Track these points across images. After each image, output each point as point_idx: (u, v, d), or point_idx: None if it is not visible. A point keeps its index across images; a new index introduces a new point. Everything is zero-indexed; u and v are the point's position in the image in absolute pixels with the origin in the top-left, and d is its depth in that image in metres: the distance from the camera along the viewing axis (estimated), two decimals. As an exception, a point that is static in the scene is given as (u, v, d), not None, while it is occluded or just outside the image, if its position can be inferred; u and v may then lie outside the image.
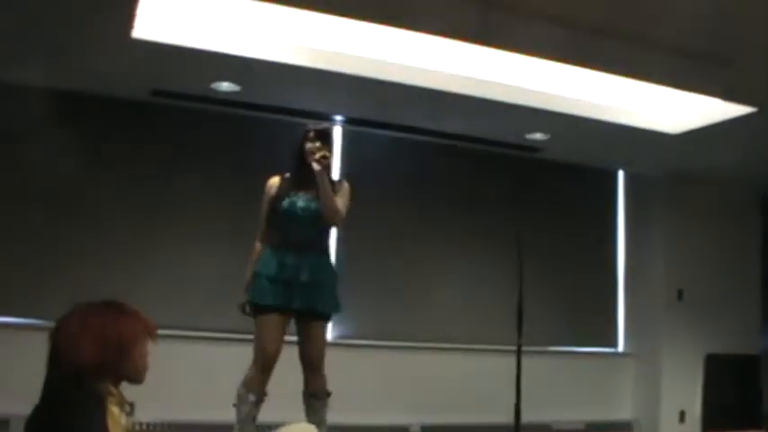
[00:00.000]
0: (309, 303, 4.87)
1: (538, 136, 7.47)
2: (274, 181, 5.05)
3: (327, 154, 4.88)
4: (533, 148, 7.89)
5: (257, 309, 4.86)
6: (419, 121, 7.27)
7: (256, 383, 4.89)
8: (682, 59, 5.53)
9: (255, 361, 4.90)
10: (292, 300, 4.82)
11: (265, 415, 4.96)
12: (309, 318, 4.91)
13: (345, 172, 7.45)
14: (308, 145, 4.89)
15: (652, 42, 5.30)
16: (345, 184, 5.11)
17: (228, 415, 4.91)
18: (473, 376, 7.63)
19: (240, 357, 6.79)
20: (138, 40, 5.36)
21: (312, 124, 5.06)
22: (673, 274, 8.57)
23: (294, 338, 4.99)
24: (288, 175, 5.03)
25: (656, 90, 6.38)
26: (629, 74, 5.98)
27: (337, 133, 7.50)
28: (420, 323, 7.65)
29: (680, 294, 8.52)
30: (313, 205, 4.87)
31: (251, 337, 6.85)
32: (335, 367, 7.14)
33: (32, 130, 6.49)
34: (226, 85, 6.39)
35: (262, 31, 5.60)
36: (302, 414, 4.99)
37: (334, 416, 6.75)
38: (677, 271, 8.58)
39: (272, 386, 4.98)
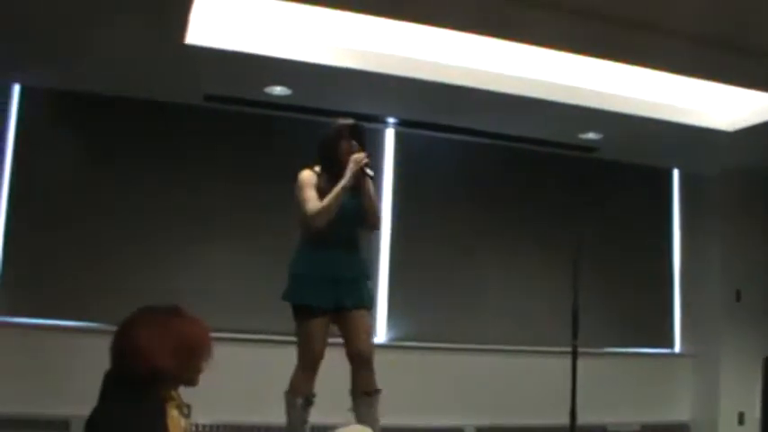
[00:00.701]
0: (355, 299, 4.82)
1: (591, 135, 7.41)
2: (310, 175, 4.83)
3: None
4: (588, 147, 7.83)
5: (303, 310, 4.74)
6: (472, 123, 7.25)
7: (304, 386, 4.85)
8: (738, 56, 5.46)
9: (302, 363, 4.84)
10: (340, 298, 4.77)
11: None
12: (356, 311, 4.83)
13: (398, 173, 7.47)
14: (344, 144, 4.82)
15: (709, 40, 5.23)
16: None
17: (281, 416, 4.94)
18: (528, 378, 7.59)
19: (290, 358, 6.89)
20: (190, 45, 5.42)
21: (342, 120, 4.97)
22: (730, 274, 8.45)
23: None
24: (317, 169, 4.88)
25: (711, 87, 6.32)
26: (677, 70, 5.94)
27: (390, 134, 7.53)
28: (474, 324, 7.63)
29: (738, 295, 8.40)
30: (354, 203, 4.78)
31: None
32: (390, 369, 7.19)
33: (91, 138, 6.64)
34: (278, 90, 6.42)
35: (312, 34, 5.65)
36: (341, 414, 4.92)
37: (388, 418, 6.79)
38: (734, 271, 8.46)
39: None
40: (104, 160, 6.76)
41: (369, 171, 4.77)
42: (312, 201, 4.69)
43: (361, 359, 4.89)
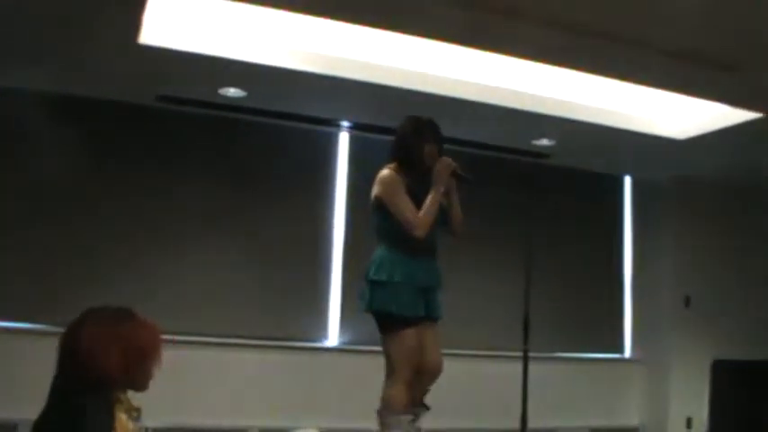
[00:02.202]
0: (438, 309, 4.78)
1: (544, 142, 7.46)
2: (398, 179, 4.64)
3: None
4: (540, 153, 7.88)
5: (399, 320, 4.54)
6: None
7: (403, 401, 4.63)
8: (688, 65, 5.52)
9: (400, 376, 4.62)
10: (429, 307, 4.68)
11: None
12: (434, 323, 4.77)
13: (352, 177, 7.46)
14: (427, 146, 4.69)
15: (658, 48, 5.28)
16: None
17: (233, 420, 4.89)
18: (480, 382, 7.61)
19: (243, 362, 6.87)
20: (144, 45, 5.38)
21: (420, 117, 4.81)
22: (680, 280, 8.55)
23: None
24: (396, 168, 4.71)
25: (663, 96, 6.40)
26: (635, 79, 6.00)
27: (344, 138, 7.53)
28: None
29: (687, 300, 8.50)
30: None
31: (256, 342, 6.90)
32: (344, 372, 7.20)
33: (38, 135, 6.49)
34: (233, 91, 6.39)
35: (267, 36, 5.63)
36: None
37: (341, 422, 6.80)
38: (684, 277, 8.56)
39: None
40: (53, 160, 6.65)
41: (461, 173, 4.67)
42: (412, 211, 4.53)
43: (436, 373, 4.84)
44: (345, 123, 7.33)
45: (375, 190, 4.72)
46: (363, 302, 4.69)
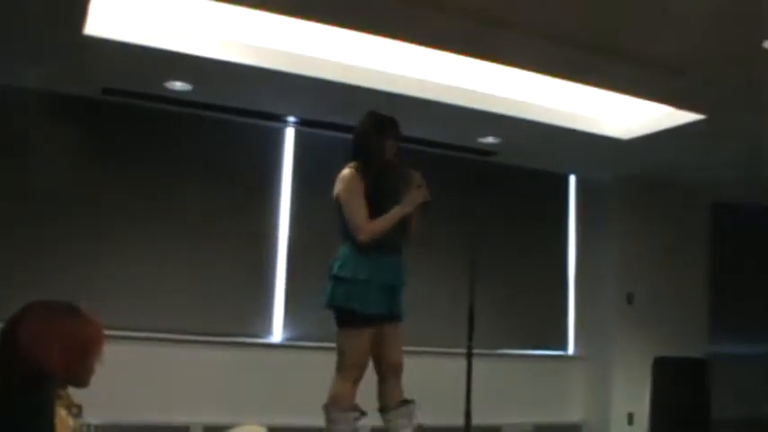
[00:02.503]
0: (401, 307, 4.75)
1: (490, 140, 7.50)
2: (357, 179, 4.65)
3: None
4: (486, 151, 7.91)
5: (359, 317, 4.55)
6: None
7: (352, 398, 4.68)
8: (634, 67, 5.58)
9: (350, 373, 4.67)
10: (393, 306, 4.67)
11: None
12: (396, 321, 4.74)
13: (297, 172, 7.44)
14: (389, 143, 4.72)
15: (604, 49, 5.33)
16: None
17: (176, 416, 4.86)
18: (423, 378, 7.59)
19: (186, 358, 6.81)
20: (89, 36, 5.30)
21: (381, 114, 4.81)
22: (622, 278, 8.65)
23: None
24: (357, 167, 4.70)
25: (608, 96, 6.45)
26: (582, 80, 6.04)
27: (290, 133, 7.50)
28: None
29: (629, 298, 8.60)
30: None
31: (200, 338, 6.86)
32: (286, 368, 7.18)
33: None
34: (179, 85, 6.33)
35: (214, 30, 5.59)
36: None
37: (284, 418, 6.77)
38: (627, 275, 8.66)
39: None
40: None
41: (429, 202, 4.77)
42: (363, 216, 4.58)
43: (398, 370, 4.83)
44: (292, 119, 7.30)
45: (336, 188, 4.74)
46: (325, 298, 4.72)
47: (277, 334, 7.25)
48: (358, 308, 4.54)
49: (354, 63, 6.01)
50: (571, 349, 8.89)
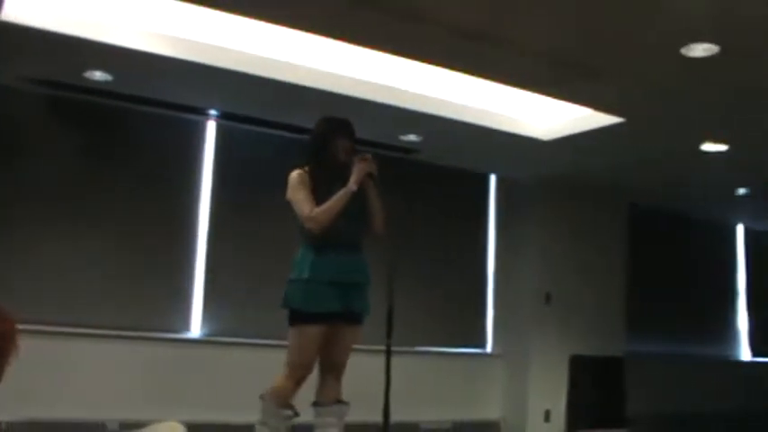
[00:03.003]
0: (362, 306, 4.76)
1: (412, 138, 7.52)
2: (301, 175, 4.70)
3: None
4: (408, 149, 7.93)
5: (306, 316, 4.58)
6: (294, 119, 7.22)
7: (290, 397, 4.68)
8: (554, 68, 5.64)
9: (294, 373, 4.68)
10: (348, 303, 4.66)
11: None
12: (353, 321, 4.76)
13: (218, 166, 7.38)
14: (339, 142, 4.74)
15: (525, 50, 5.38)
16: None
17: (91, 413, 4.78)
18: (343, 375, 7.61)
19: (102, 353, 6.71)
20: (5, 23, 5.18)
21: (332, 116, 4.90)
22: (541, 277, 8.76)
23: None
24: (306, 169, 4.75)
25: (529, 97, 6.52)
26: (502, 79, 6.09)
27: (211, 127, 7.44)
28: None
29: (548, 297, 8.71)
30: (358, 205, 4.67)
31: (116, 333, 6.75)
32: (205, 364, 7.13)
33: None
34: (98, 75, 6.21)
35: (135, 20, 5.51)
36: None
37: (202, 414, 6.72)
38: (546, 274, 8.77)
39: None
40: None
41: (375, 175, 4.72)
42: (308, 203, 4.58)
43: (339, 370, 4.88)
44: (213, 112, 7.23)
45: (287, 190, 4.78)
46: (282, 300, 4.77)
47: (195, 329, 7.18)
48: (302, 306, 4.58)
49: (278, 58, 5.98)
50: (489, 347, 8.97)
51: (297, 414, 4.70)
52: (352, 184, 4.61)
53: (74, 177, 6.86)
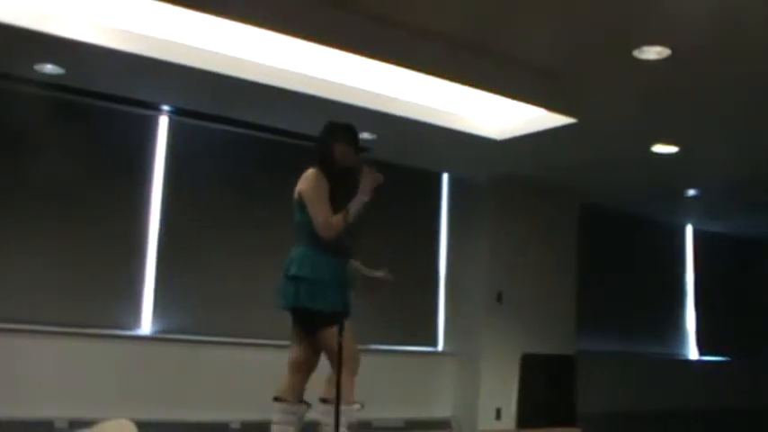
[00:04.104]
0: (351, 308, 4.83)
1: (366, 135, 7.50)
2: (321, 177, 4.77)
3: None
4: (361, 147, 7.90)
5: (333, 317, 4.61)
6: (247, 115, 7.20)
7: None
8: (509, 69, 5.67)
9: (353, 367, 4.86)
10: (348, 306, 4.76)
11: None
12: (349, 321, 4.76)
13: (170, 162, 7.33)
14: (341, 148, 4.86)
15: (479, 49, 5.40)
16: None
17: (39, 411, 4.72)
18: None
19: (50, 350, 6.63)
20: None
21: (337, 121, 4.99)
22: (493, 277, 8.78)
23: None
24: (317, 171, 4.79)
25: (483, 96, 6.54)
26: (457, 79, 6.10)
27: (164, 122, 7.39)
28: (242, 318, 7.57)
29: (499, 296, 8.74)
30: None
31: (64, 329, 6.67)
32: (155, 361, 7.07)
33: None
34: (49, 68, 6.12)
35: (85, 12, 5.43)
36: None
37: (153, 412, 6.67)
38: (497, 273, 8.80)
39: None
40: None
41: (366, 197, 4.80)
42: (328, 209, 4.68)
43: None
44: (165, 107, 7.18)
45: (300, 186, 4.79)
46: (284, 299, 4.78)
47: (146, 326, 7.12)
48: (336, 308, 4.61)
49: (231, 54, 5.94)
50: (441, 346, 9.00)
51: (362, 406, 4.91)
52: (364, 195, 4.77)
53: (25, 173, 6.74)
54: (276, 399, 4.96)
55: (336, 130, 4.93)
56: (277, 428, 4.90)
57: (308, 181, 4.77)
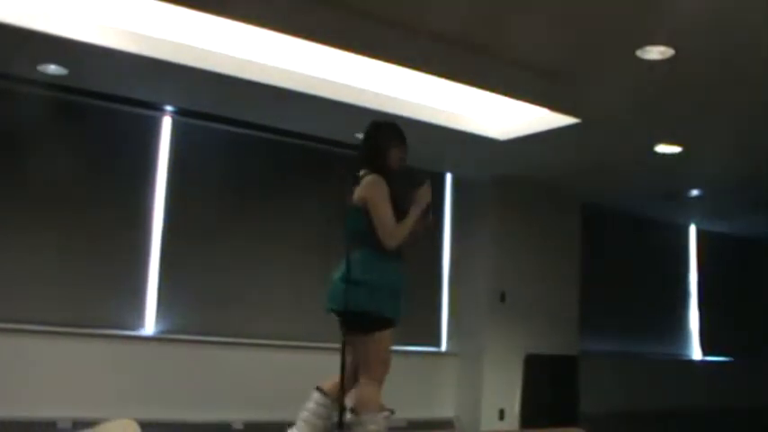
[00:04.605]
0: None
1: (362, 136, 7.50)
2: (384, 183, 4.71)
3: None
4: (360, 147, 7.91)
5: (387, 322, 4.65)
6: (250, 116, 7.21)
7: (380, 399, 4.71)
8: (512, 69, 5.66)
9: (377, 376, 4.72)
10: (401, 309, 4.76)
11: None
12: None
13: (173, 162, 7.33)
14: (395, 152, 4.84)
15: (482, 49, 5.39)
16: None
17: (44, 411, 4.73)
18: (298, 373, 7.58)
19: (54, 350, 6.63)
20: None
21: (386, 121, 4.97)
22: (496, 277, 8.78)
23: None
24: (379, 177, 4.74)
25: (486, 96, 6.54)
26: (460, 79, 6.10)
27: (167, 122, 7.38)
28: (244, 319, 7.57)
29: (503, 296, 8.73)
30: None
31: (68, 330, 6.67)
32: (158, 361, 7.07)
33: None
34: (53, 68, 6.13)
35: (89, 13, 5.44)
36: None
37: (154, 412, 6.67)
38: (500, 273, 8.79)
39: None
40: None
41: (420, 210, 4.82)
42: (392, 217, 4.64)
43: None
44: (169, 108, 7.18)
45: (363, 192, 4.72)
46: (338, 302, 4.70)
47: (149, 327, 7.12)
48: (385, 313, 4.65)
49: (233, 55, 5.94)
50: (444, 346, 8.99)
51: (392, 411, 4.79)
52: (418, 208, 4.80)
53: (28, 174, 6.74)
54: (317, 388, 4.94)
55: (390, 134, 4.87)
56: (305, 414, 4.88)
57: (372, 187, 4.70)
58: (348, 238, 4.79)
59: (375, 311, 4.61)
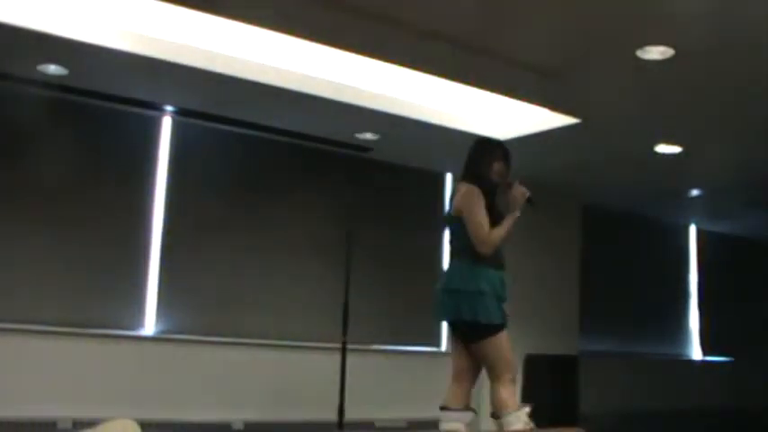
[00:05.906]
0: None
1: (368, 136, 7.51)
2: (479, 192, 4.83)
3: None
4: (364, 147, 7.93)
5: (496, 327, 4.74)
6: (250, 116, 7.21)
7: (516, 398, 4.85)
8: (512, 69, 5.67)
9: (507, 376, 4.86)
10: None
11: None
12: None
13: (173, 162, 7.33)
14: (497, 166, 4.99)
15: (483, 49, 5.40)
16: None
17: (44, 410, 4.72)
18: (297, 373, 7.61)
19: (54, 350, 6.62)
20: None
21: (489, 137, 5.18)
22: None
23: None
24: (476, 188, 4.84)
25: (486, 96, 6.53)
26: (460, 79, 6.10)
27: (167, 122, 7.38)
28: (244, 318, 7.57)
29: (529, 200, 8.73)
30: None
31: (69, 330, 6.67)
32: (158, 362, 7.07)
33: None
34: (53, 68, 6.13)
35: (90, 13, 5.43)
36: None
37: (156, 412, 6.66)
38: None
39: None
40: None
41: (532, 198, 5.05)
42: (487, 224, 4.74)
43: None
44: (169, 108, 7.18)
45: (458, 203, 4.87)
46: (446, 313, 4.87)
47: (149, 327, 7.12)
48: (499, 320, 4.77)
49: (235, 54, 5.94)
50: (444, 346, 8.98)
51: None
52: (516, 212, 4.96)
53: (29, 173, 6.74)
54: (442, 408, 5.09)
55: (494, 148, 5.04)
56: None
57: (468, 198, 4.82)
58: (450, 249, 5.05)
59: (483, 319, 4.71)
